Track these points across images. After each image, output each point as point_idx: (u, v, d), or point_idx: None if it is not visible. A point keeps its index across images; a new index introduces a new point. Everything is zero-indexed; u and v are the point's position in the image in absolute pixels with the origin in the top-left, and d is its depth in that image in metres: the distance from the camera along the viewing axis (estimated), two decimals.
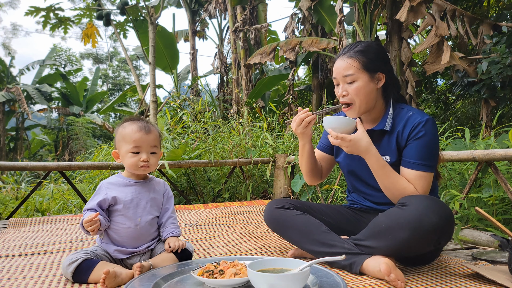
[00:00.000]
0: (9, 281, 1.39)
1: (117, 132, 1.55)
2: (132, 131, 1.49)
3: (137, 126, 1.50)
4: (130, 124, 1.52)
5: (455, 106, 7.01)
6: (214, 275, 1.25)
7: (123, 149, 1.50)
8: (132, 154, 1.48)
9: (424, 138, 1.46)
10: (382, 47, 1.61)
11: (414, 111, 1.54)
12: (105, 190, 1.49)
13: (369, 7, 5.63)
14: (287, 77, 7.36)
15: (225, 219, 2.80)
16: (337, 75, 1.56)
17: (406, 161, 1.49)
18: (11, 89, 15.60)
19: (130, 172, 1.54)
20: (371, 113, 1.60)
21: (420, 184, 1.45)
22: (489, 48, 4.29)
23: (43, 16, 8.24)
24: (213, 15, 10.05)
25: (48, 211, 4.47)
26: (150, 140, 1.50)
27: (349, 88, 1.53)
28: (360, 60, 1.51)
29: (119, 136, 1.52)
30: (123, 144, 1.50)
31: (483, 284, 1.31)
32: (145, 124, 1.52)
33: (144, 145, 1.49)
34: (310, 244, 1.53)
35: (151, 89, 5.90)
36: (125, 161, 1.51)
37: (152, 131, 1.52)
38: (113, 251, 1.47)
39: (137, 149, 1.48)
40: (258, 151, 4.28)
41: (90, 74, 28.39)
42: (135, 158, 1.48)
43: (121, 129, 1.52)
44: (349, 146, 1.45)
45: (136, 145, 1.48)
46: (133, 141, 1.48)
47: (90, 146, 14.76)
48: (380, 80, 1.55)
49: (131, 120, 1.55)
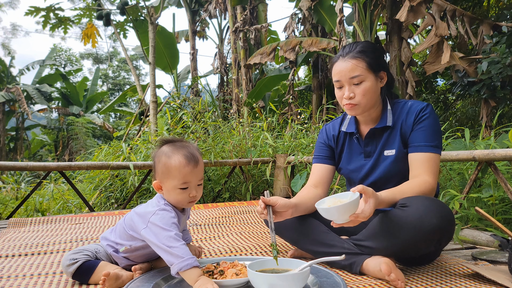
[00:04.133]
0: (9, 281, 1.39)
1: (159, 161, 1.37)
2: (181, 165, 1.33)
3: (184, 158, 1.34)
4: (175, 154, 1.35)
5: (455, 106, 7.01)
6: (214, 275, 1.25)
7: (169, 183, 1.35)
8: (180, 190, 1.35)
9: (428, 120, 1.49)
10: (378, 45, 1.60)
11: (412, 101, 1.57)
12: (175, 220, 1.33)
13: (369, 7, 5.64)
14: (287, 77, 7.36)
15: (225, 219, 2.80)
16: (342, 77, 1.51)
17: (414, 146, 1.49)
18: (11, 89, 15.60)
19: (174, 205, 1.40)
20: (371, 112, 1.59)
21: (430, 167, 1.45)
22: (489, 48, 4.29)
23: (43, 16, 8.24)
24: (213, 15, 10.06)
25: (48, 211, 4.47)
26: (198, 173, 1.37)
27: (356, 90, 1.50)
28: (365, 60, 1.49)
29: (164, 168, 1.35)
30: (169, 178, 1.34)
31: (483, 284, 1.31)
32: (192, 153, 1.36)
33: (193, 179, 1.36)
34: (310, 244, 1.53)
35: (151, 89, 5.90)
36: (171, 196, 1.37)
37: (199, 162, 1.38)
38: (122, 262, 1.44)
39: (186, 185, 1.35)
40: (258, 151, 4.28)
41: (90, 74, 28.40)
42: (183, 195, 1.35)
43: (166, 159, 1.35)
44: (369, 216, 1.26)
45: (185, 181, 1.34)
46: (183, 177, 1.33)
47: (90, 146, 14.77)
48: (383, 79, 1.55)
49: (174, 146, 1.38)
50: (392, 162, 1.54)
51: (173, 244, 1.23)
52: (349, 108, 1.54)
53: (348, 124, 1.69)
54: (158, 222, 1.28)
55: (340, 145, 1.73)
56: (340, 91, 1.55)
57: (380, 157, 1.57)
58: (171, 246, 1.23)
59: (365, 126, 1.64)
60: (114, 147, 4.71)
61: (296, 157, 3.71)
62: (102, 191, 4.23)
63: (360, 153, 1.64)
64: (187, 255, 1.21)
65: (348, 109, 1.55)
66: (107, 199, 4.19)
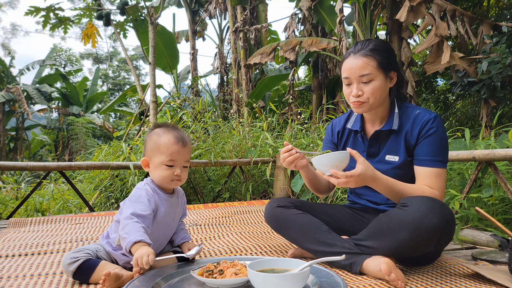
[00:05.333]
0: (9, 281, 1.39)
1: (150, 139, 1.45)
2: (170, 143, 1.41)
3: (174, 137, 1.42)
4: (166, 133, 1.43)
5: (455, 106, 7.01)
6: (214, 275, 1.25)
7: (157, 159, 1.42)
8: (166, 167, 1.41)
9: (435, 135, 1.46)
10: (390, 44, 1.59)
11: (420, 109, 1.53)
12: (152, 199, 1.40)
13: (369, 7, 5.64)
14: (287, 77, 7.36)
15: (225, 219, 2.80)
16: (351, 74, 1.49)
17: (420, 160, 1.48)
18: (11, 89, 15.60)
19: (159, 184, 1.47)
20: (377, 112, 1.57)
21: (437, 181, 1.44)
22: (489, 48, 4.29)
23: (43, 16, 8.23)
24: (213, 15, 10.05)
25: (48, 211, 4.47)
26: (185, 153, 1.44)
27: (365, 88, 1.48)
28: (376, 58, 1.47)
29: (153, 145, 1.43)
30: (157, 154, 1.42)
31: (483, 284, 1.31)
32: (182, 135, 1.45)
33: (179, 158, 1.42)
34: (310, 243, 1.53)
35: (151, 89, 5.89)
36: (156, 172, 1.43)
37: (187, 143, 1.45)
38: (121, 259, 1.43)
39: (172, 163, 1.41)
40: (258, 151, 4.28)
41: (90, 74, 28.40)
42: (168, 172, 1.41)
43: (156, 138, 1.43)
44: (358, 181, 1.35)
45: (172, 158, 1.41)
46: (170, 153, 1.40)
47: (90, 146, 14.78)
48: (392, 79, 1.53)
49: (165, 127, 1.46)
50: (394, 168, 1.54)
51: (127, 221, 1.30)
52: (356, 106, 1.52)
53: (354, 122, 1.68)
54: (131, 197, 1.38)
55: (344, 142, 1.73)
56: (348, 88, 1.54)
57: (383, 161, 1.57)
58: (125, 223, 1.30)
59: (371, 126, 1.63)
60: (114, 147, 4.71)
61: None
62: (102, 191, 4.22)
63: (363, 151, 1.64)
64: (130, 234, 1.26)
65: (355, 107, 1.53)
66: (107, 199, 4.19)
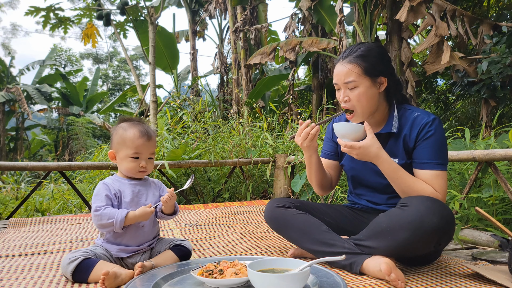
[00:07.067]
0: (9, 281, 1.39)
1: (116, 133, 1.53)
2: (134, 137, 1.49)
3: (138, 131, 1.50)
4: (131, 128, 1.51)
5: (455, 106, 7.01)
6: (214, 275, 1.25)
7: (123, 152, 1.50)
8: (132, 159, 1.50)
9: (434, 137, 1.46)
10: (383, 48, 1.57)
11: (419, 112, 1.53)
12: (107, 186, 1.48)
13: (369, 7, 5.63)
14: (287, 77, 7.36)
15: (225, 219, 2.80)
16: (338, 80, 1.53)
17: (419, 163, 1.48)
18: (11, 89, 15.59)
19: (126, 175, 1.55)
20: (374, 116, 1.58)
21: (438, 183, 1.44)
22: (489, 48, 4.29)
23: (43, 16, 8.23)
24: (213, 15, 10.04)
25: (48, 211, 4.47)
26: (150, 147, 1.52)
27: (350, 94, 1.50)
28: (361, 65, 1.48)
29: (119, 139, 1.51)
30: (123, 147, 1.50)
31: (483, 284, 1.31)
32: (146, 129, 1.53)
33: (144, 151, 1.51)
34: (310, 243, 1.53)
35: (151, 89, 5.89)
36: (122, 164, 1.52)
37: (152, 137, 1.54)
38: (116, 250, 1.46)
39: (138, 155, 1.50)
40: (258, 151, 4.28)
41: (90, 74, 28.38)
42: (134, 164, 1.50)
43: (122, 132, 1.51)
44: (359, 154, 1.42)
45: (137, 151, 1.49)
46: (135, 147, 1.49)
47: (90, 146, 14.76)
48: (382, 84, 1.52)
49: (131, 122, 1.54)
50: None
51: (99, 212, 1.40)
52: (348, 117, 1.55)
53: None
54: (94, 194, 1.48)
55: None
56: (338, 93, 1.56)
57: None
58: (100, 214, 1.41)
59: None
60: None
61: (296, 157, 3.71)
62: None
63: None
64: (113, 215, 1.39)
65: (348, 118, 1.56)
66: None
